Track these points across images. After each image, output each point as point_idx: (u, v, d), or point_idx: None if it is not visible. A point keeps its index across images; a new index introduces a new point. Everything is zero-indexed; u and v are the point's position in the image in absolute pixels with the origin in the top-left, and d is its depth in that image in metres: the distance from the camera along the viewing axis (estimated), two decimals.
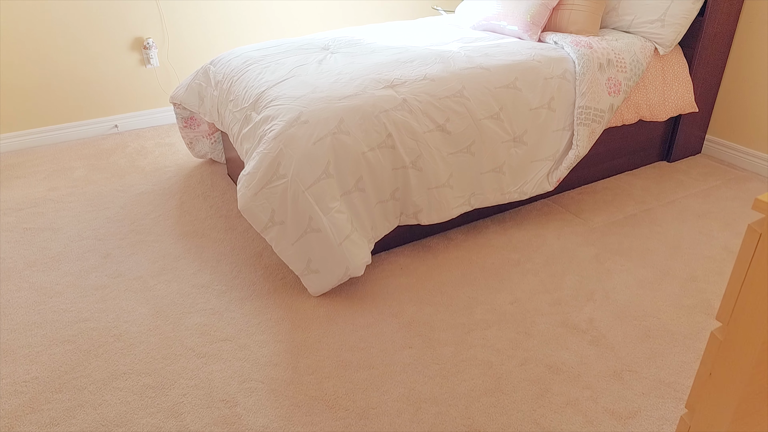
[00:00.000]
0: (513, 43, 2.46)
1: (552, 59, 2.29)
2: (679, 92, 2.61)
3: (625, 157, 2.71)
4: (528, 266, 2.07)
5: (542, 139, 2.25)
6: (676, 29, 2.48)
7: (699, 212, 2.40)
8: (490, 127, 2.11)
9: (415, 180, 1.98)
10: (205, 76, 2.46)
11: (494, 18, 2.66)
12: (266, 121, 1.93)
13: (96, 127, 3.26)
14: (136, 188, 2.68)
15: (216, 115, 2.36)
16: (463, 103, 2.05)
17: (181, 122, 2.74)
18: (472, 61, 2.21)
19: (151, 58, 3.22)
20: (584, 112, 2.28)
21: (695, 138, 2.88)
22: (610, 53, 2.36)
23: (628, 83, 2.39)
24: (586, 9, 2.49)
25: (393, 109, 1.93)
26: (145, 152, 3.07)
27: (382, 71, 2.11)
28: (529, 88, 2.19)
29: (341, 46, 2.46)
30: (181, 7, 3.21)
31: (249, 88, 2.14)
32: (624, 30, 2.60)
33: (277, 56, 2.34)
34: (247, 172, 1.84)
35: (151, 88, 3.33)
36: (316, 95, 1.94)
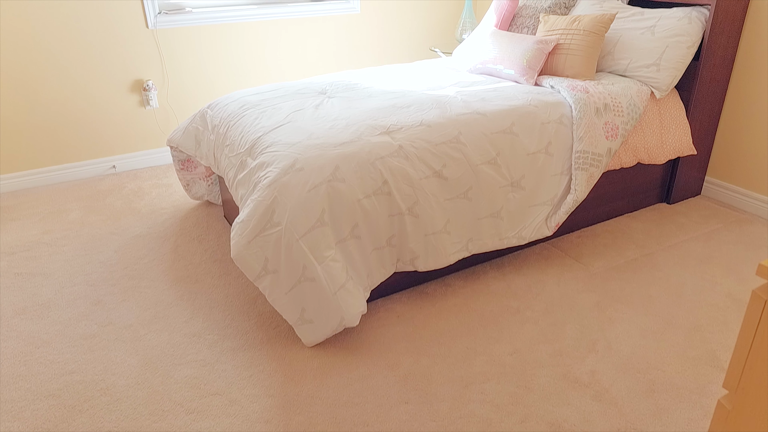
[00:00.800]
0: (510, 87, 2.47)
1: (549, 104, 2.29)
2: (676, 135, 2.60)
3: (624, 199, 2.69)
4: (528, 314, 2.02)
5: (540, 184, 2.24)
6: (672, 73, 2.49)
7: (701, 257, 2.37)
8: (487, 173, 2.10)
9: (411, 226, 1.96)
10: (202, 120, 2.46)
11: (491, 62, 2.68)
12: (261, 167, 1.91)
13: (94, 167, 3.26)
14: (131, 231, 2.65)
15: (212, 160, 2.36)
16: (459, 149, 2.04)
17: (178, 164, 2.74)
18: (469, 107, 2.21)
19: (151, 100, 3.24)
20: (582, 157, 2.27)
21: (695, 180, 2.86)
22: (606, 97, 2.36)
23: (626, 127, 2.39)
24: (582, 53, 2.51)
25: (389, 156, 1.92)
26: (142, 193, 3.06)
27: (379, 117, 2.11)
28: (526, 133, 2.19)
29: (338, 90, 2.47)
30: (181, 50, 3.25)
31: (245, 133, 2.14)
32: (620, 74, 2.61)
33: (274, 101, 2.35)
34: (240, 220, 1.82)
35: (150, 129, 3.34)
36: (311, 142, 1.93)
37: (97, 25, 3.00)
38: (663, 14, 2.55)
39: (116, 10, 3.02)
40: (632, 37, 2.58)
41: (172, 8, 3.19)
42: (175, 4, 3.20)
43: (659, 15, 2.56)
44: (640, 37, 2.55)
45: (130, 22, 3.07)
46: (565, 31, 2.55)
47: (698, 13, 2.49)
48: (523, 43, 2.58)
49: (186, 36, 3.23)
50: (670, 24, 2.50)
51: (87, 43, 3.02)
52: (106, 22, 3.02)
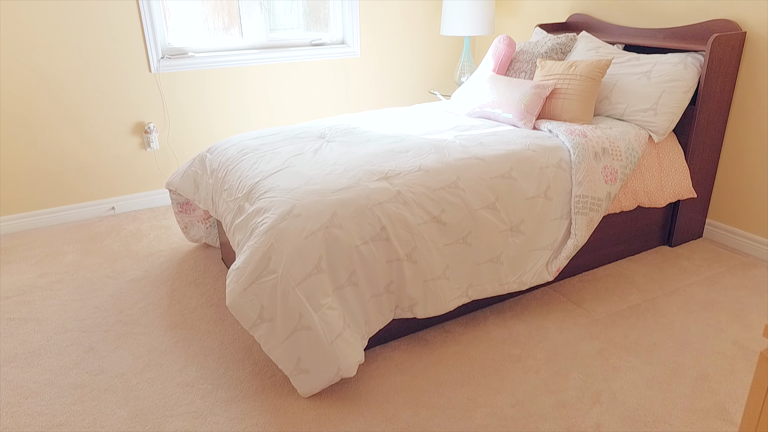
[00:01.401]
0: (508, 131, 2.48)
1: (547, 148, 2.29)
2: (676, 178, 2.60)
3: (626, 242, 2.66)
4: (529, 362, 1.97)
5: (540, 229, 2.22)
6: (669, 117, 2.50)
7: (705, 302, 2.32)
8: (486, 218, 2.08)
9: (410, 272, 1.93)
10: (201, 164, 2.47)
11: (489, 105, 2.71)
12: (259, 213, 1.90)
13: (93, 209, 3.26)
14: (127, 274, 2.63)
15: (210, 203, 2.35)
16: (458, 194, 2.03)
17: (177, 207, 2.73)
18: (467, 151, 2.21)
19: (152, 142, 3.26)
20: (581, 201, 2.26)
21: (696, 222, 2.84)
22: (605, 141, 2.37)
23: (625, 171, 2.39)
24: (579, 98, 2.53)
25: (387, 202, 1.90)
26: (140, 235, 3.04)
27: (377, 162, 2.11)
28: (525, 177, 2.18)
29: (337, 134, 2.48)
30: (183, 94, 3.29)
31: (243, 177, 2.13)
32: (617, 118, 2.63)
33: (273, 145, 2.36)
34: (236, 267, 1.79)
35: (150, 170, 3.35)
36: (309, 187, 1.92)
37: (100, 69, 3.05)
38: (658, 60, 2.58)
39: (120, 55, 3.07)
40: (629, 82, 2.60)
41: (174, 53, 3.25)
42: (178, 49, 3.25)
43: (655, 60, 2.59)
44: (637, 82, 2.58)
45: (133, 67, 3.12)
46: (562, 76, 2.58)
47: (693, 59, 2.52)
48: (520, 87, 2.60)
49: (188, 80, 3.28)
50: (666, 69, 2.53)
51: (90, 86, 3.06)
52: (109, 66, 3.06)
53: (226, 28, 3.39)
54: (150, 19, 3.07)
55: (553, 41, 2.90)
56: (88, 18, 2.94)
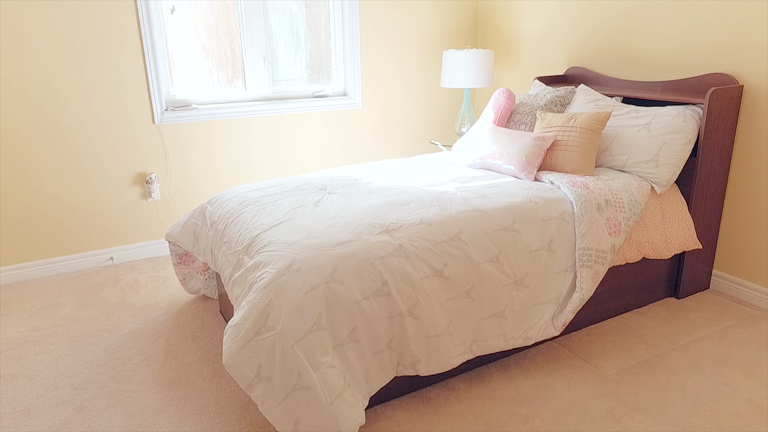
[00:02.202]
0: (510, 182, 2.48)
1: (549, 200, 2.28)
2: (680, 230, 2.57)
3: (632, 294, 2.61)
4: (537, 423, 1.89)
5: (544, 282, 2.18)
6: (671, 169, 2.50)
7: (716, 358, 2.26)
8: (489, 271, 2.05)
9: (412, 328, 1.88)
10: (202, 216, 2.45)
11: (490, 157, 2.71)
12: (258, 267, 1.87)
13: (91, 259, 3.23)
14: (123, 327, 2.57)
15: (210, 256, 2.32)
16: (461, 248, 2.00)
17: (176, 258, 2.70)
18: (470, 203, 2.20)
19: (153, 192, 3.27)
20: (586, 254, 2.22)
21: (702, 273, 2.80)
22: (607, 193, 2.36)
23: (628, 223, 2.37)
24: (580, 150, 2.54)
25: (389, 256, 1.87)
26: (138, 286, 2.99)
27: (378, 215, 2.09)
28: (528, 230, 2.16)
29: (339, 186, 2.47)
30: (185, 144, 3.31)
31: (243, 230, 2.11)
32: (619, 169, 2.63)
33: (274, 197, 2.35)
34: (234, 323, 1.74)
35: (150, 220, 3.34)
36: (310, 241, 1.90)
37: (104, 120, 3.08)
38: (657, 112, 2.60)
39: (124, 106, 3.11)
40: (629, 134, 2.62)
41: (178, 105, 3.29)
42: (182, 101, 3.30)
43: (654, 113, 2.61)
44: (637, 134, 2.60)
45: (137, 118, 3.16)
46: (562, 128, 2.60)
47: (692, 111, 2.55)
48: (521, 139, 2.62)
49: (191, 131, 3.31)
50: (665, 122, 2.55)
51: (92, 136, 3.08)
52: (112, 117, 3.10)
53: (230, 80, 3.45)
54: (155, 71, 3.13)
55: (552, 94, 2.94)
56: (94, 69, 3.00)
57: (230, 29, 3.36)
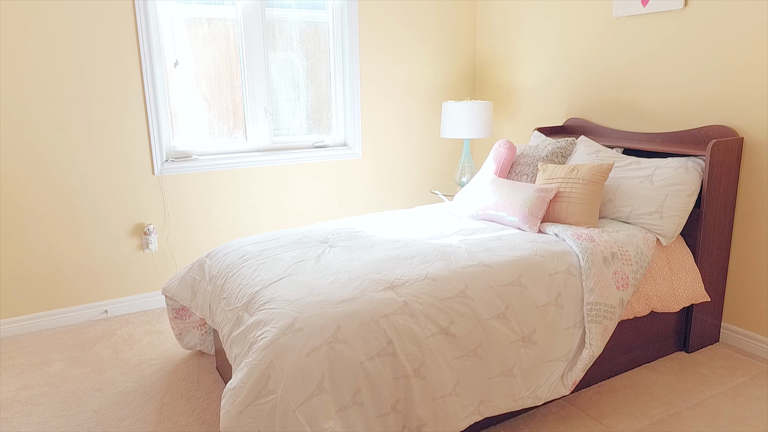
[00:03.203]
0: (514, 235, 2.44)
1: (555, 253, 2.24)
2: (687, 282, 2.53)
3: (641, 349, 2.54)
4: None
5: (553, 338, 2.11)
6: (676, 221, 2.48)
7: (733, 417, 2.17)
8: (496, 328, 1.99)
9: (418, 390, 1.80)
10: (200, 270, 2.40)
11: (493, 208, 2.69)
12: (258, 325, 1.81)
13: (84, 313, 3.14)
14: (115, 386, 2.47)
15: (207, 312, 2.25)
16: (467, 304, 1.95)
17: (172, 313, 2.63)
18: (474, 258, 2.16)
19: (150, 243, 3.22)
20: (594, 309, 2.17)
21: (711, 326, 2.74)
22: (613, 246, 2.32)
23: (636, 276, 2.32)
24: (583, 201, 2.52)
25: (393, 314, 1.82)
26: (132, 341, 2.90)
27: (382, 270, 2.04)
28: (535, 284, 2.11)
29: (341, 239, 2.44)
30: (184, 196, 3.29)
31: (243, 286, 2.06)
32: (623, 221, 2.61)
33: (275, 251, 2.30)
34: (233, 386, 1.67)
35: (147, 272, 3.27)
36: (312, 299, 1.84)
37: (103, 170, 3.06)
38: (659, 164, 2.60)
39: (124, 157, 3.10)
40: (631, 185, 2.61)
41: (179, 156, 3.29)
42: (182, 152, 3.30)
43: (656, 165, 2.61)
44: (639, 185, 2.59)
45: (136, 169, 3.14)
46: (565, 179, 2.59)
47: (694, 163, 2.55)
48: (524, 190, 2.60)
49: (190, 181, 3.30)
50: (668, 173, 2.54)
51: (90, 187, 3.05)
52: (112, 168, 3.08)
53: (231, 131, 3.46)
54: (157, 123, 3.14)
55: (553, 145, 2.95)
56: (95, 122, 3.00)
57: (232, 81, 3.40)
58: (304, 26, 3.56)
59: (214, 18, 3.29)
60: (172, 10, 3.16)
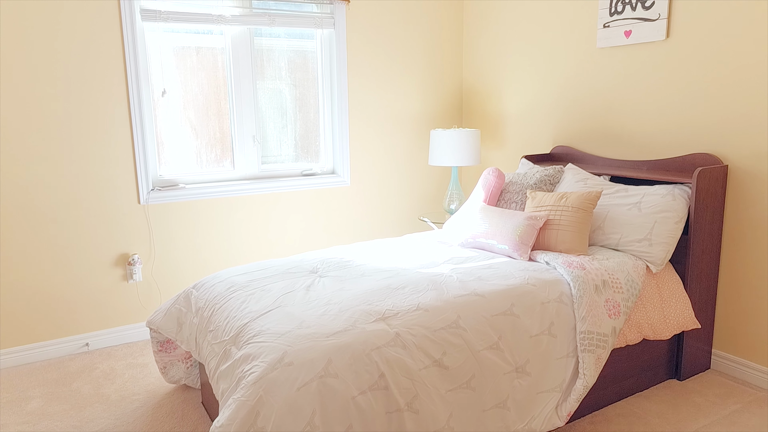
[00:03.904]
0: (504, 263, 2.43)
1: (547, 282, 2.23)
2: (678, 309, 2.53)
3: (633, 378, 2.52)
4: None
5: (546, 368, 2.09)
6: (665, 248, 2.49)
7: None
8: (490, 359, 1.96)
9: (411, 424, 1.75)
10: (186, 301, 2.34)
11: (483, 236, 2.68)
12: (246, 359, 1.76)
13: (65, 346, 3.05)
14: (95, 424, 2.38)
15: (194, 345, 2.19)
16: (459, 335, 1.92)
17: (156, 346, 2.55)
18: (466, 287, 2.14)
19: (135, 274, 3.15)
20: (587, 338, 2.15)
21: (702, 353, 2.73)
22: (604, 274, 2.32)
23: (627, 304, 2.32)
24: (573, 229, 2.52)
25: (385, 346, 1.78)
26: (114, 375, 2.81)
27: (373, 300, 2.01)
28: (527, 313, 2.09)
29: (330, 268, 2.40)
30: (171, 225, 3.24)
31: (231, 318, 2.01)
32: (612, 248, 2.61)
33: (263, 281, 2.26)
34: (220, 424, 1.61)
35: (131, 303, 3.20)
36: (302, 331, 1.80)
37: (87, 200, 3.01)
38: (647, 191, 2.63)
39: (109, 187, 3.05)
40: (620, 212, 2.62)
41: (165, 185, 3.25)
42: (169, 181, 3.26)
43: (643, 192, 2.63)
44: (628, 212, 2.60)
45: (121, 198, 3.09)
46: (554, 207, 2.60)
47: (680, 190, 2.57)
48: (513, 218, 2.60)
49: (177, 211, 3.25)
50: (655, 200, 2.56)
51: (74, 217, 3.00)
52: (96, 197, 3.03)
53: (219, 160, 3.44)
54: (143, 152, 3.10)
55: (541, 173, 2.96)
56: (80, 151, 2.96)
57: (220, 109, 3.39)
58: (293, 55, 3.58)
59: (202, 47, 3.29)
60: (161, 40, 3.16)
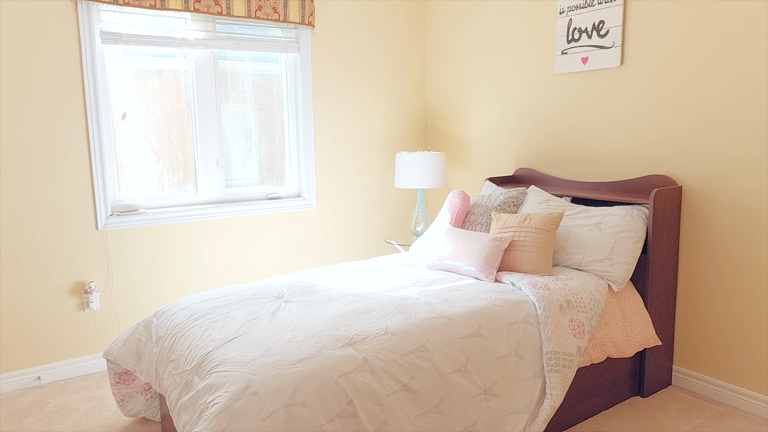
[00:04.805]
0: (471, 285, 2.45)
1: (513, 303, 2.25)
2: (639, 327, 2.58)
3: (599, 396, 2.55)
4: None
5: (514, 390, 2.09)
6: (625, 267, 2.55)
7: None
8: (458, 381, 1.95)
9: None
10: (146, 330, 2.26)
11: (449, 258, 2.70)
12: (210, 390, 1.70)
13: (15, 380, 2.89)
14: None
15: (154, 376, 2.11)
16: (428, 358, 1.91)
17: (114, 378, 2.45)
18: (434, 309, 2.13)
19: (91, 302, 3.03)
20: (553, 358, 2.17)
21: (663, 369, 2.79)
22: (568, 293, 2.36)
23: (591, 323, 2.36)
24: (537, 250, 2.56)
25: (353, 372, 1.76)
26: (68, 410, 2.68)
27: (340, 325, 1.99)
28: (494, 335, 2.10)
29: (296, 293, 2.37)
30: (131, 251, 3.15)
31: (193, 347, 1.95)
32: (575, 268, 2.66)
33: (227, 308, 2.21)
34: None
35: (87, 333, 3.07)
36: (267, 359, 1.76)
37: (42, 226, 2.90)
38: (607, 212, 2.70)
39: (65, 212, 2.95)
40: (581, 233, 2.68)
41: (125, 210, 3.16)
42: (129, 206, 3.17)
43: (603, 213, 2.70)
44: (589, 233, 2.66)
45: (79, 225, 2.99)
46: (518, 228, 2.64)
47: (638, 211, 2.65)
48: (479, 240, 2.63)
49: (137, 236, 3.16)
50: (615, 221, 2.63)
51: (28, 244, 2.88)
52: (52, 224, 2.92)
53: (181, 184, 3.37)
54: (102, 177, 3.02)
55: (505, 195, 3.01)
56: (36, 175, 2.86)
57: (183, 133, 3.34)
58: (257, 79, 3.57)
59: (165, 70, 3.25)
60: (122, 62, 3.10)
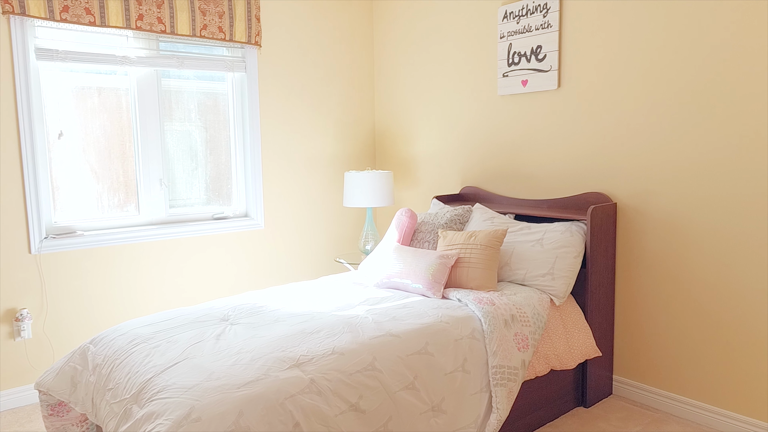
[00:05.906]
0: (419, 302, 2.47)
1: (459, 319, 2.29)
2: (580, 339, 2.67)
3: (544, 408, 2.61)
4: None
5: (461, 405, 2.12)
6: (566, 281, 2.64)
7: None
8: (406, 399, 1.96)
9: None
10: (82, 358, 2.16)
11: (397, 276, 2.72)
12: (149, 418, 1.64)
13: None
14: None
15: (90, 406, 2.02)
16: (375, 377, 1.91)
17: (47, 410, 2.31)
18: (381, 327, 2.14)
19: (23, 330, 2.87)
20: (499, 372, 2.22)
21: (604, 380, 2.89)
22: (512, 308, 2.42)
23: (534, 336, 2.42)
24: (482, 266, 2.62)
25: (300, 393, 1.74)
26: None
27: (287, 346, 1.96)
28: (441, 351, 2.13)
29: (242, 315, 2.32)
30: (66, 276, 3.01)
31: (133, 374, 1.88)
32: (519, 283, 2.74)
33: (169, 332, 2.14)
34: None
35: (18, 363, 2.90)
36: (211, 383, 1.72)
37: None
38: (548, 228, 2.80)
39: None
40: (524, 249, 2.77)
41: (61, 232, 3.03)
42: (65, 228, 3.04)
43: (544, 229, 2.80)
44: (531, 249, 2.75)
45: (9, 248, 2.84)
46: (464, 245, 2.70)
47: (577, 227, 2.76)
48: (426, 257, 2.67)
49: (74, 260, 3.03)
50: (555, 237, 2.73)
51: None
52: None
53: (122, 204, 3.27)
54: (36, 198, 2.89)
55: (451, 212, 3.08)
56: None
57: (124, 152, 3.24)
58: (203, 97, 3.52)
59: (105, 88, 3.16)
60: (58, 79, 3.00)
